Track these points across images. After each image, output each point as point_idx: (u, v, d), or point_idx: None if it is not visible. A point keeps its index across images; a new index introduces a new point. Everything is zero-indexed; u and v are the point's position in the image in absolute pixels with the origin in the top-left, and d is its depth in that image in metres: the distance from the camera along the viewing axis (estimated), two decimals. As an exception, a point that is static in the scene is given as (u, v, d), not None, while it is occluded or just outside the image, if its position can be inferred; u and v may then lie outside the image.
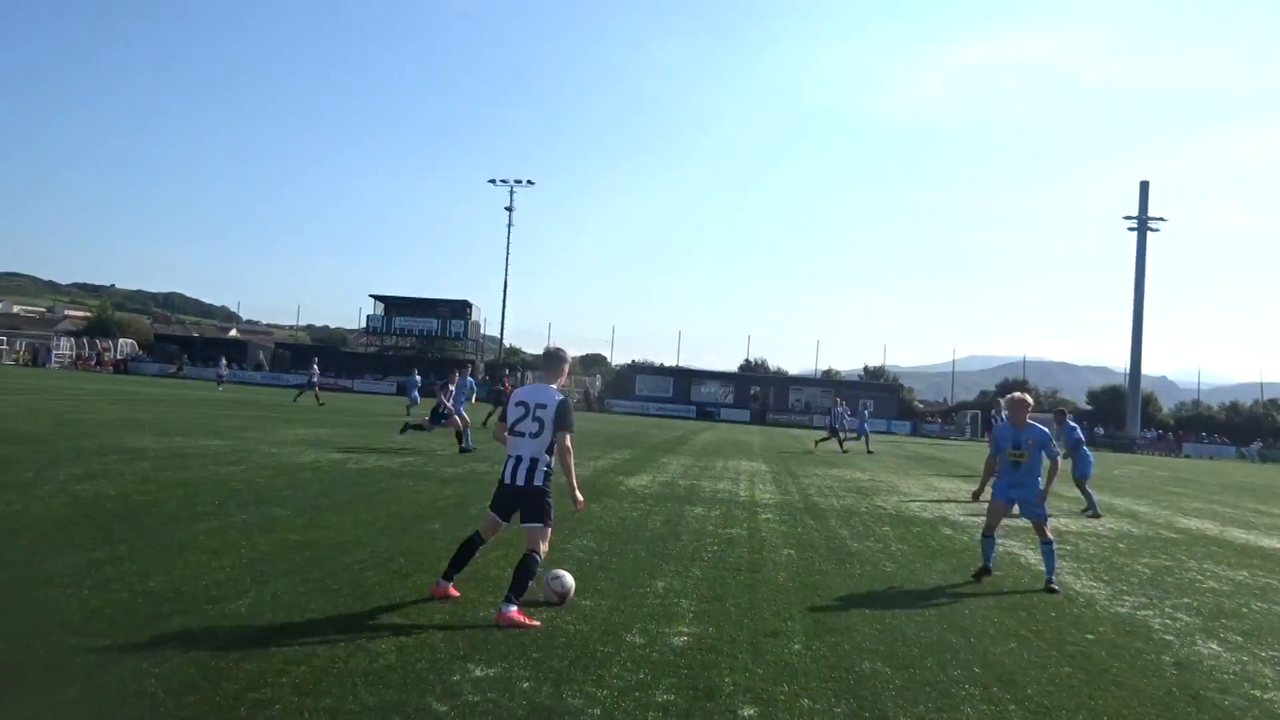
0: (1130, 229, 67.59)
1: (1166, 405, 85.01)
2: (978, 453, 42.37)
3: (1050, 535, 8.81)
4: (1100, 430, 67.81)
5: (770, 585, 7.84)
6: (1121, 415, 72.20)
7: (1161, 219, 68.98)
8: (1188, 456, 62.46)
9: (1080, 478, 16.25)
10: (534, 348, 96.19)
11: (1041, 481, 8.95)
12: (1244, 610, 8.39)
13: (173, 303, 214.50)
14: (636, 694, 4.81)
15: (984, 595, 8.19)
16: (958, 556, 10.26)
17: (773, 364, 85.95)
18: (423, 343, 78.96)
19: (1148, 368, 69.69)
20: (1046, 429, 8.91)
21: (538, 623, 5.98)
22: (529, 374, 63.91)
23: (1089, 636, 6.89)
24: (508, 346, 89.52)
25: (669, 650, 5.65)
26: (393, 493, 11.75)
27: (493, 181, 77.31)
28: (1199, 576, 10.16)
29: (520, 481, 6.25)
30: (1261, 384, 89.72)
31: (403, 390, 44.04)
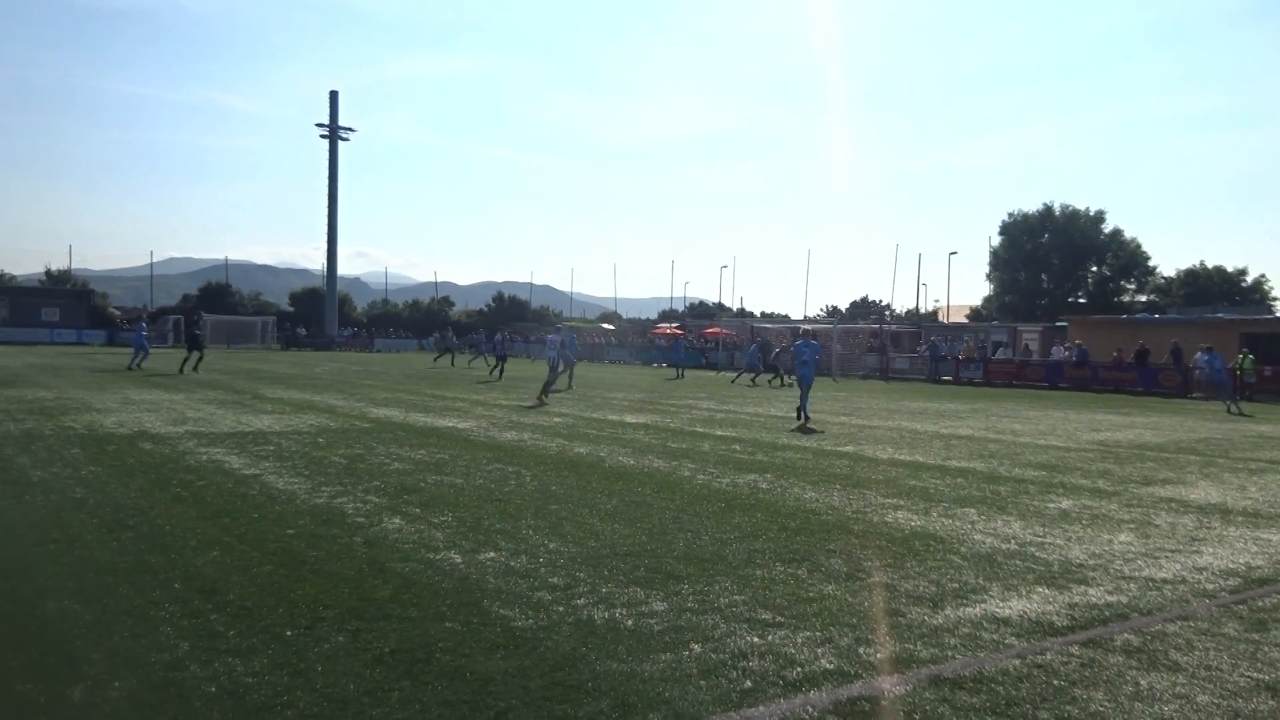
0: (323, 136, 70.35)
1: (361, 305, 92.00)
2: (176, 360, 41.03)
3: None
4: (304, 331, 70.64)
5: (-78, 537, 6.60)
6: (322, 315, 76.10)
7: (351, 129, 73.15)
8: (379, 351, 68.58)
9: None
10: None
11: None
12: (422, 485, 9.63)
13: None
14: None
15: (186, 508, 8.03)
16: (157, 470, 9.86)
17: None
18: None
19: (343, 270, 74.26)
20: None
21: None
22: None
23: (290, 532, 7.23)
24: None
25: None
26: None
27: None
28: (386, 460, 11.34)
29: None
30: (436, 283, 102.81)
31: None
